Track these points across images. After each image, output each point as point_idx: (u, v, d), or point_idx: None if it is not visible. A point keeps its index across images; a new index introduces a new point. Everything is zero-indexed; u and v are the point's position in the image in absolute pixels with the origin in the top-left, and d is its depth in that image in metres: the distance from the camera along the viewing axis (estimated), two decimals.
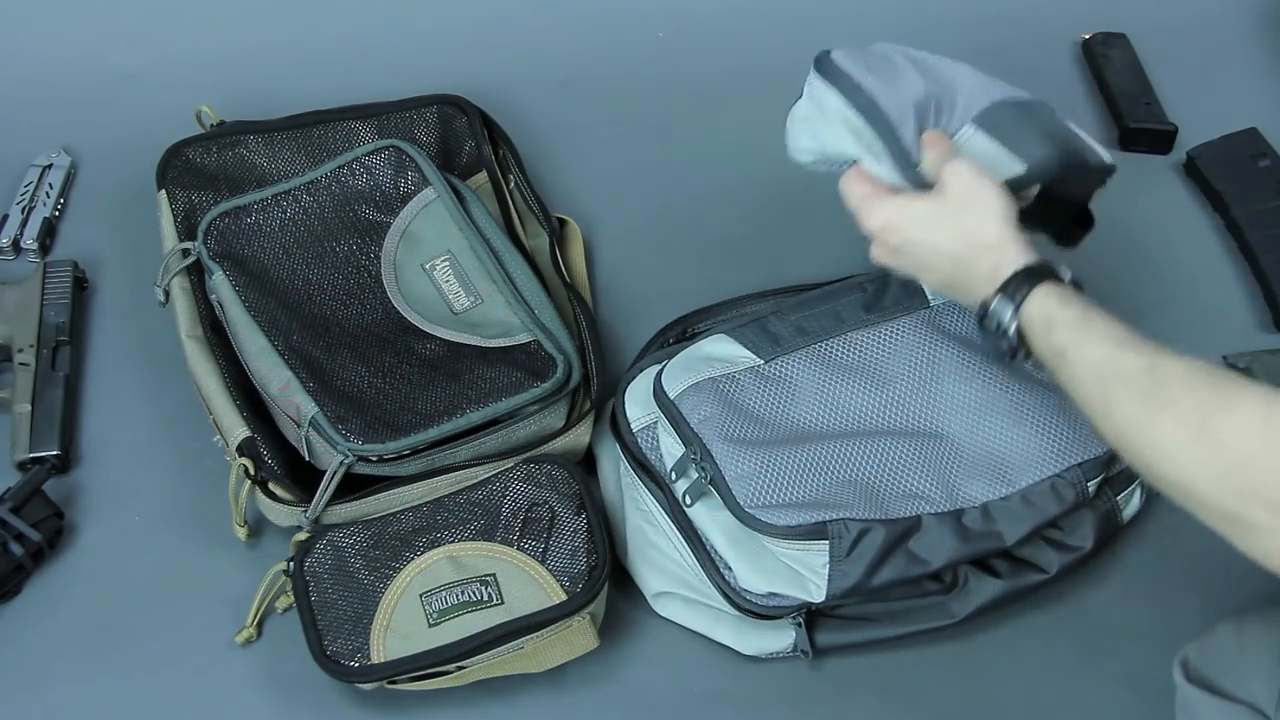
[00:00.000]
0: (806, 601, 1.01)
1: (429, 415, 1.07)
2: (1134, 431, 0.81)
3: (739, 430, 1.05)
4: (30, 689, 1.03)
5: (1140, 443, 0.81)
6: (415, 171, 1.21)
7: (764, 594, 1.01)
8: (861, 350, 1.11)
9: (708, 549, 1.04)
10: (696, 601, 1.05)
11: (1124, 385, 0.82)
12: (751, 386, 1.08)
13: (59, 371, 1.17)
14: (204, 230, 1.17)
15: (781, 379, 1.09)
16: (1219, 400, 0.77)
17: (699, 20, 1.48)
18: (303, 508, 1.05)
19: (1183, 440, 0.78)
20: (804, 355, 1.10)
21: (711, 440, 1.04)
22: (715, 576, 1.03)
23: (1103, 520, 1.07)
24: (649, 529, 1.07)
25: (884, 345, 1.11)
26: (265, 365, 1.09)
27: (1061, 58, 1.48)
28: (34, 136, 1.35)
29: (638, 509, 1.09)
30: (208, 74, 1.38)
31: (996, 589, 1.05)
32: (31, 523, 1.07)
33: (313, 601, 1.02)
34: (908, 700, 1.05)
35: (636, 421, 1.10)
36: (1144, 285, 1.30)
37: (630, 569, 1.08)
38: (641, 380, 1.12)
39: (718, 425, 1.05)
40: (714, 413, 1.05)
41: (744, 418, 1.06)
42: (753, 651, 1.05)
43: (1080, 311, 0.88)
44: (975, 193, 0.94)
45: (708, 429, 1.04)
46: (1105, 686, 1.05)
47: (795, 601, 1.01)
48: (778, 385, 1.08)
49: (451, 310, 1.16)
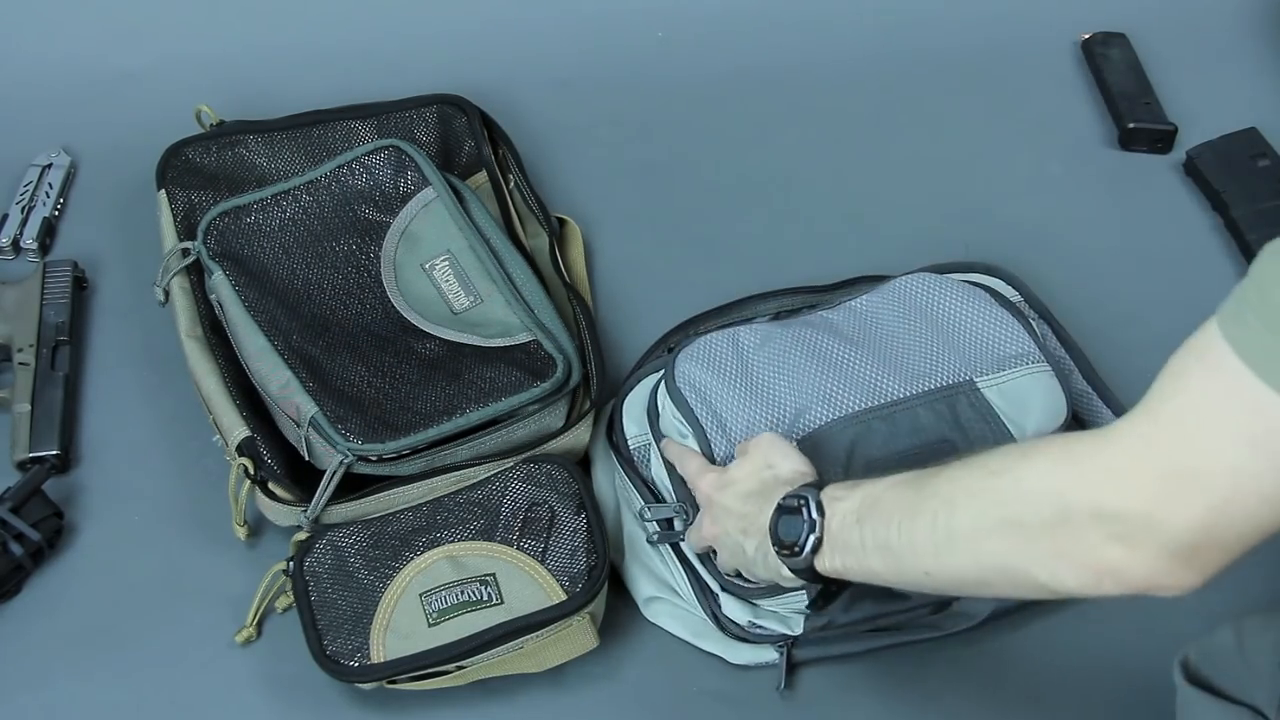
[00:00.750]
0: (786, 635, 1.02)
1: (429, 415, 1.07)
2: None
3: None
4: (30, 689, 1.03)
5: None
6: (415, 171, 1.21)
7: (746, 623, 1.02)
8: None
9: (697, 570, 1.04)
10: (686, 611, 1.06)
11: (926, 475, 0.82)
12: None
13: (59, 371, 1.17)
14: (204, 230, 1.17)
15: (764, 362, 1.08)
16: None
17: (699, 20, 1.48)
18: (302, 507, 1.05)
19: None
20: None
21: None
22: (703, 600, 1.04)
23: None
24: (642, 536, 1.08)
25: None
26: (265, 365, 1.09)
27: (1061, 58, 1.48)
28: (34, 136, 1.34)
29: (632, 514, 1.09)
30: (208, 74, 1.38)
31: (986, 608, 1.04)
32: (31, 522, 1.06)
33: (312, 601, 1.02)
34: (908, 700, 1.05)
35: (634, 439, 1.10)
36: (1144, 285, 1.30)
37: (623, 573, 1.08)
38: (639, 391, 1.12)
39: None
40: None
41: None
42: (741, 661, 1.05)
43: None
44: (774, 445, 0.96)
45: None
46: (1105, 686, 1.05)
47: (777, 633, 1.02)
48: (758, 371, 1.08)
49: (451, 310, 1.16)
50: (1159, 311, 1.26)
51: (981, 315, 1.09)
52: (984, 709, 1.05)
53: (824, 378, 1.05)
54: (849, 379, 1.05)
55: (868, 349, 1.07)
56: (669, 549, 1.05)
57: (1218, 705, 0.88)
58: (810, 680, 1.05)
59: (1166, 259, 1.32)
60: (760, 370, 1.05)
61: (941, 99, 1.44)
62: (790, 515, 0.88)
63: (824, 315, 1.12)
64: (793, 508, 0.88)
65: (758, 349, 1.07)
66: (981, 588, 0.80)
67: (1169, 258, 1.32)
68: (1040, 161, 1.32)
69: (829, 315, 1.12)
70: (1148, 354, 1.20)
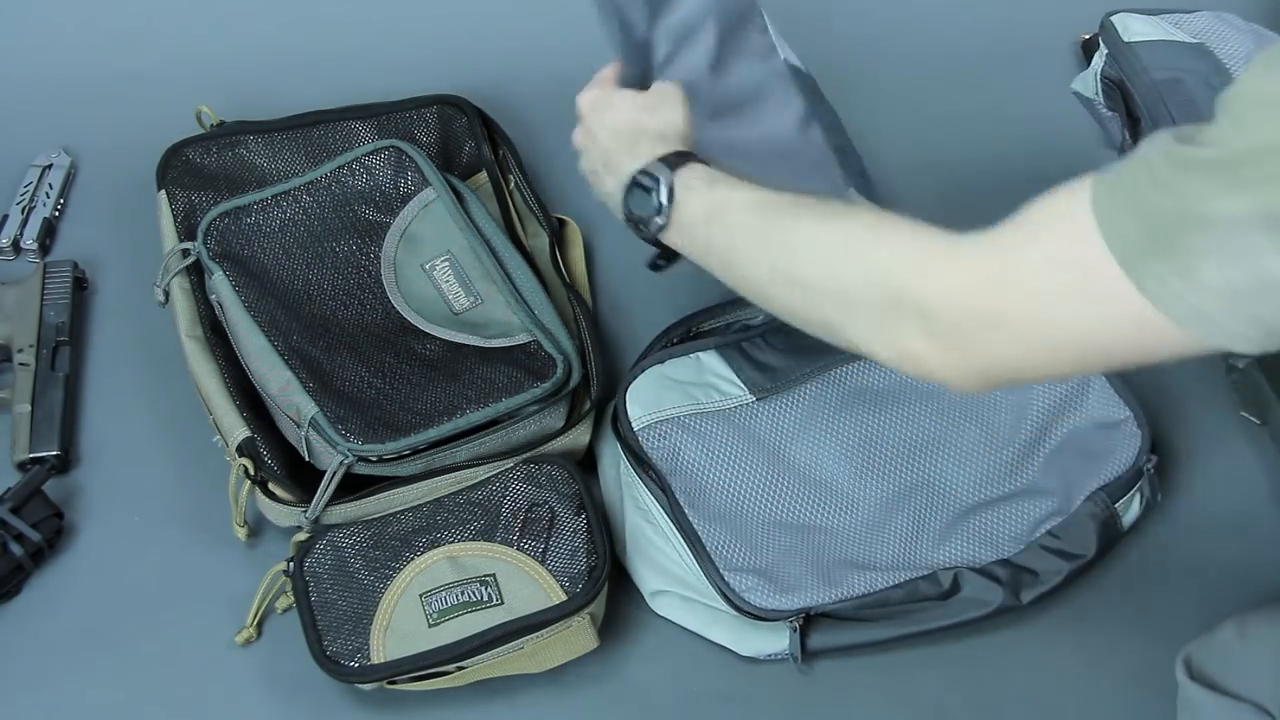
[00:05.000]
0: (806, 606, 1.02)
1: (429, 415, 1.07)
2: (801, 248, 0.85)
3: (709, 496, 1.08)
4: (30, 689, 1.03)
5: (804, 258, 0.85)
6: (415, 171, 1.21)
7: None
8: (860, 378, 1.14)
9: (707, 550, 1.04)
10: (695, 601, 1.06)
11: (782, 211, 0.87)
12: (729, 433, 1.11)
13: (59, 371, 1.17)
14: (204, 230, 1.17)
15: (770, 422, 1.12)
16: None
17: None
18: (302, 508, 1.05)
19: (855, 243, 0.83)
20: (793, 397, 1.13)
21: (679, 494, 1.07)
22: (715, 577, 1.03)
23: (1103, 528, 1.07)
24: (648, 527, 1.08)
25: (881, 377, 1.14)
26: (265, 365, 1.09)
27: (1061, 58, 1.48)
28: (34, 136, 1.34)
29: (637, 507, 1.09)
30: (208, 74, 1.38)
31: (998, 597, 1.04)
32: (31, 523, 1.06)
33: (312, 601, 1.02)
34: (908, 700, 1.05)
35: (638, 420, 1.10)
36: None
37: (629, 567, 1.08)
38: (644, 379, 1.12)
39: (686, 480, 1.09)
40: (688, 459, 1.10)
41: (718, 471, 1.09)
42: (750, 653, 1.05)
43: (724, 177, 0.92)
44: (667, 97, 0.98)
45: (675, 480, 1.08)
46: (1107, 685, 1.05)
47: (794, 606, 1.02)
48: (763, 431, 1.11)
49: (451, 310, 1.16)
50: None
51: None
52: (986, 709, 1.05)
53: None
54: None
55: None
56: (675, 530, 1.06)
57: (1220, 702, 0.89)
58: (810, 680, 1.05)
59: None
60: None
61: (941, 99, 1.44)
62: (643, 192, 0.92)
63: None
64: (645, 186, 0.92)
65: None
66: (802, 325, 0.86)
67: None
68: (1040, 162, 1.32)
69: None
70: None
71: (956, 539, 1.06)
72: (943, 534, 1.07)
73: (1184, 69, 1.29)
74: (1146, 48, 1.31)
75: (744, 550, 1.05)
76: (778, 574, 1.04)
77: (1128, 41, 1.32)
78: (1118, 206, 0.70)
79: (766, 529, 1.07)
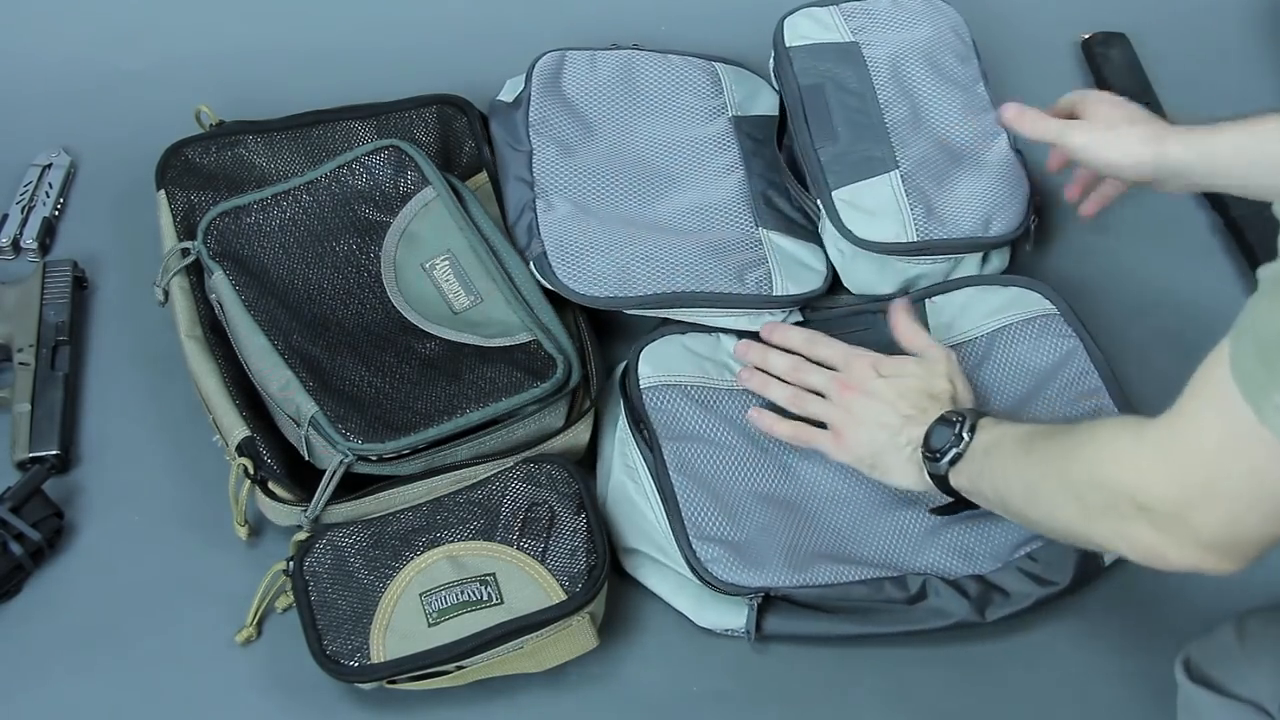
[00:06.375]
0: (766, 586, 1.03)
1: (429, 415, 1.07)
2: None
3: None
4: (30, 689, 1.03)
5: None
6: (415, 171, 1.21)
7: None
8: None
9: (683, 515, 1.05)
10: (663, 565, 1.07)
11: (1035, 436, 0.94)
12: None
13: (59, 371, 1.17)
14: (203, 230, 1.17)
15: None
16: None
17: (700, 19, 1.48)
18: (302, 507, 1.05)
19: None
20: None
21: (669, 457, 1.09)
22: (683, 543, 1.04)
23: (1083, 559, 1.06)
24: (630, 485, 1.09)
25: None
26: (265, 365, 1.09)
27: (1061, 58, 1.48)
28: (34, 136, 1.34)
29: (625, 464, 1.10)
30: (208, 74, 1.38)
31: (961, 611, 1.04)
32: (31, 522, 1.07)
33: (312, 601, 1.02)
34: (908, 700, 1.05)
35: (645, 379, 1.12)
36: (1144, 285, 1.30)
37: (606, 520, 1.09)
38: (662, 343, 1.15)
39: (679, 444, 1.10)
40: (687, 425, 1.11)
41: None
42: (707, 625, 1.06)
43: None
44: (948, 358, 1.08)
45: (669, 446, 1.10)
46: (1106, 685, 1.05)
47: (755, 583, 1.03)
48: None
49: (451, 310, 1.16)
50: (1158, 311, 1.27)
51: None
52: (986, 708, 1.05)
53: None
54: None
55: None
56: (655, 492, 1.07)
57: (1220, 702, 0.89)
58: (809, 680, 1.05)
59: (1166, 258, 1.32)
60: None
61: None
62: (945, 426, 1.01)
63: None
64: (950, 420, 1.01)
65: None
66: (1064, 538, 0.93)
67: (1168, 257, 1.32)
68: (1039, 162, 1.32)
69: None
70: (1148, 352, 1.22)
71: (935, 548, 1.07)
72: (922, 541, 1.07)
73: (827, 74, 1.24)
74: (802, 52, 1.26)
75: (723, 520, 1.06)
76: (749, 549, 1.04)
77: (788, 46, 1.27)
78: (1243, 351, 0.73)
79: (750, 502, 1.08)
